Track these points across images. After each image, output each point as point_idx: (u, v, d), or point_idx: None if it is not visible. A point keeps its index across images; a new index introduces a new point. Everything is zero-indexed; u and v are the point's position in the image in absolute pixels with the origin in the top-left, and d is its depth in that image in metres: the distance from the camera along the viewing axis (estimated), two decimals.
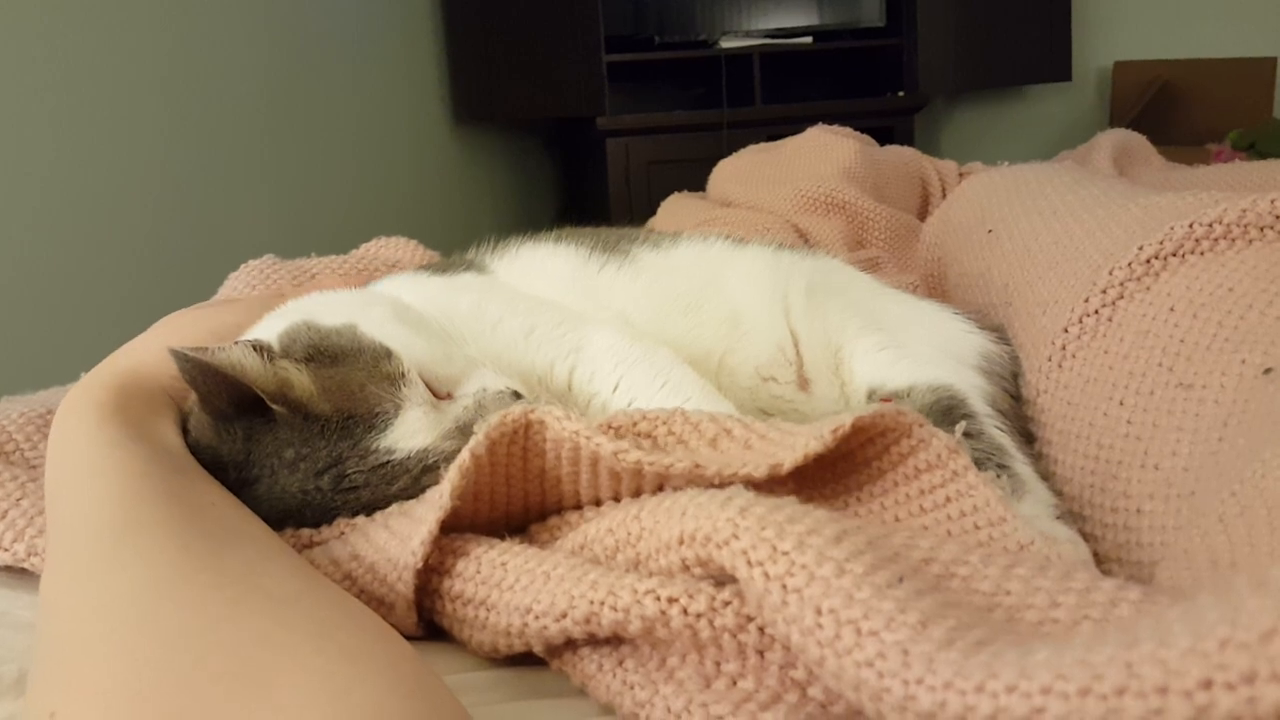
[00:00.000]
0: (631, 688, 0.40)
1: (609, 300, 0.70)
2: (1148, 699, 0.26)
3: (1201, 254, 0.62)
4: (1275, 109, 3.43)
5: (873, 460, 0.49)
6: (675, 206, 1.61)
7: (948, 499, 0.47)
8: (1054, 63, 3.45)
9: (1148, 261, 0.63)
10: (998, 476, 0.57)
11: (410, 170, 2.93)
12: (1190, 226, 0.63)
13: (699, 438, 0.50)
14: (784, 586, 0.36)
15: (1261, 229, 0.62)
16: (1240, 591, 0.27)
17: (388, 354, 0.55)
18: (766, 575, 0.36)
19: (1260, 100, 3.49)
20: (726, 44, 3.17)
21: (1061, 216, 0.77)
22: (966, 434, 0.60)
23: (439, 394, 0.56)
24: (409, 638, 0.47)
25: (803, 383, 0.70)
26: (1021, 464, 0.58)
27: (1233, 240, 0.62)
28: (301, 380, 0.53)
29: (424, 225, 2.95)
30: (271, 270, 0.90)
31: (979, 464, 0.57)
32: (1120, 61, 3.57)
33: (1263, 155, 3.11)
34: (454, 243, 2.92)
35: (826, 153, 1.50)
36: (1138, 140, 1.45)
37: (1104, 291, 0.63)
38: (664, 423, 0.51)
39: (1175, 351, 0.57)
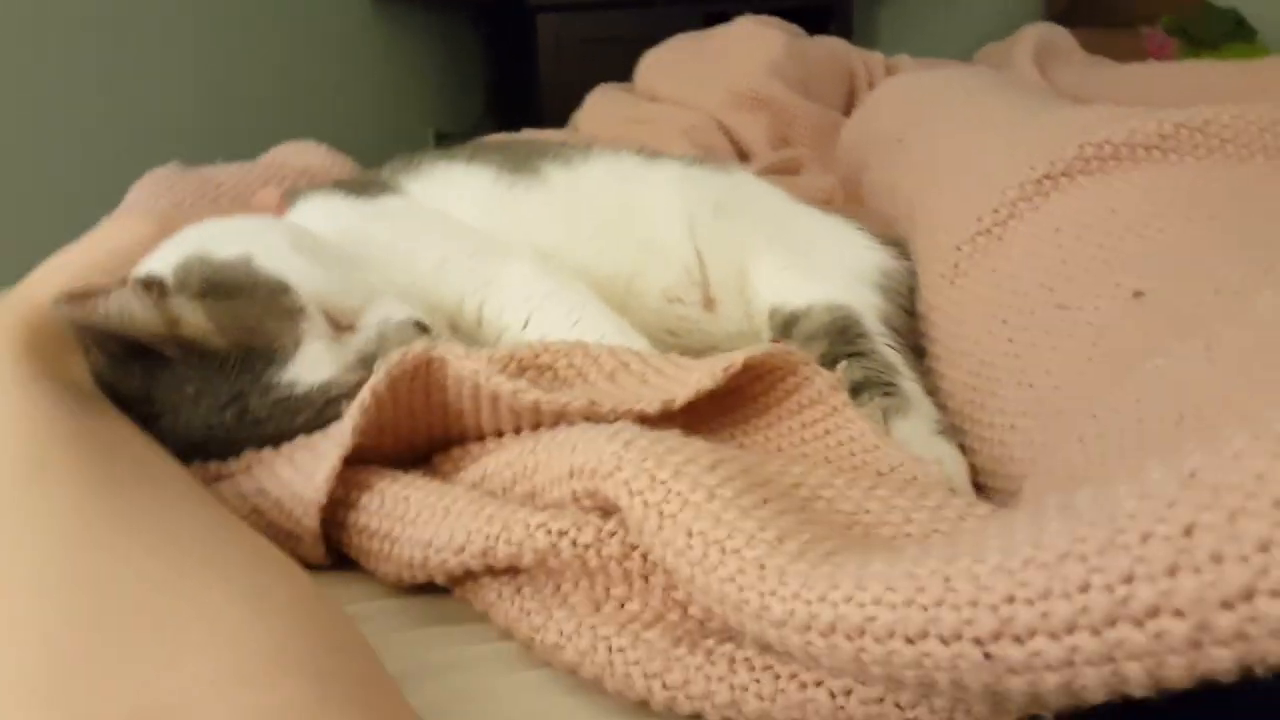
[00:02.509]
0: (528, 614, 0.43)
1: (521, 223, 0.71)
2: (960, 611, 0.29)
3: (1090, 174, 0.64)
4: None
5: (759, 396, 0.52)
6: (602, 101, 1.58)
7: (827, 431, 0.50)
8: None
9: (1039, 181, 0.65)
10: (886, 394, 0.60)
11: (331, 52, 2.82)
12: (1080, 147, 0.64)
13: (598, 371, 0.52)
14: (660, 513, 0.38)
15: (1148, 149, 0.64)
16: (1046, 513, 0.30)
17: (284, 287, 0.55)
18: (645, 503, 0.39)
19: None
20: None
21: (966, 129, 0.79)
22: (859, 353, 0.63)
23: (340, 325, 0.57)
24: (318, 568, 0.50)
25: (708, 303, 0.72)
26: (909, 381, 0.61)
27: (1120, 160, 0.64)
28: (196, 318, 0.53)
29: (347, 111, 2.86)
30: (177, 180, 0.88)
31: (869, 383, 0.60)
32: None
33: (1192, 40, 3.13)
34: (378, 129, 2.84)
35: (753, 46, 1.48)
36: (1060, 35, 1.45)
37: (995, 210, 0.65)
38: (565, 355, 0.53)
39: (1057, 272, 0.59)
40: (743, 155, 1.40)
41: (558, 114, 1.69)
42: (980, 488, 0.56)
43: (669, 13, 2.93)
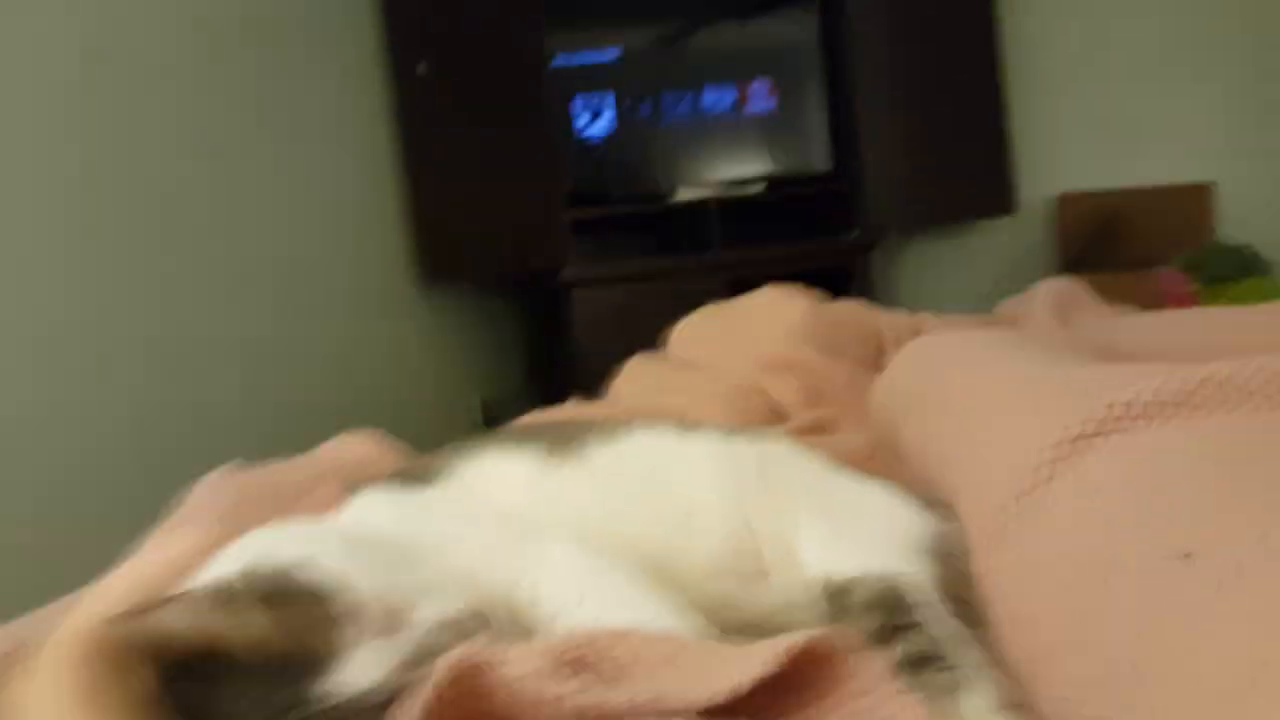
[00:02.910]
0: None
1: (566, 505, 0.73)
2: None
3: (1123, 432, 0.66)
4: (1218, 231, 3.57)
5: (811, 683, 0.51)
6: (638, 370, 1.65)
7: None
8: (999, 197, 3.60)
9: (1074, 441, 0.66)
10: (945, 669, 0.58)
11: (380, 334, 2.99)
12: (1109, 406, 0.66)
13: (657, 655, 0.51)
14: None
15: (1176, 405, 0.66)
16: None
17: (340, 589, 0.56)
18: None
19: (1201, 224, 3.64)
20: (683, 195, 3.30)
21: (993, 389, 0.81)
22: (915, 624, 0.62)
23: (394, 624, 0.57)
24: None
25: (760, 574, 0.72)
26: (970, 653, 0.60)
27: (1150, 418, 0.66)
28: (259, 622, 0.54)
29: (397, 389, 2.99)
30: (235, 478, 0.91)
31: (925, 657, 0.59)
32: (1065, 193, 3.73)
33: (1209, 277, 3.23)
34: (429, 401, 2.94)
35: (777, 311, 1.55)
36: (1074, 288, 1.51)
37: (1035, 471, 0.66)
38: (621, 640, 0.52)
39: (1102, 532, 0.59)
40: (778, 415, 1.43)
41: (593, 380, 1.76)
42: None
43: (694, 282, 3.10)
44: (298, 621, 0.54)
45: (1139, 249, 3.50)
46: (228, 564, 0.59)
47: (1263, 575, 0.46)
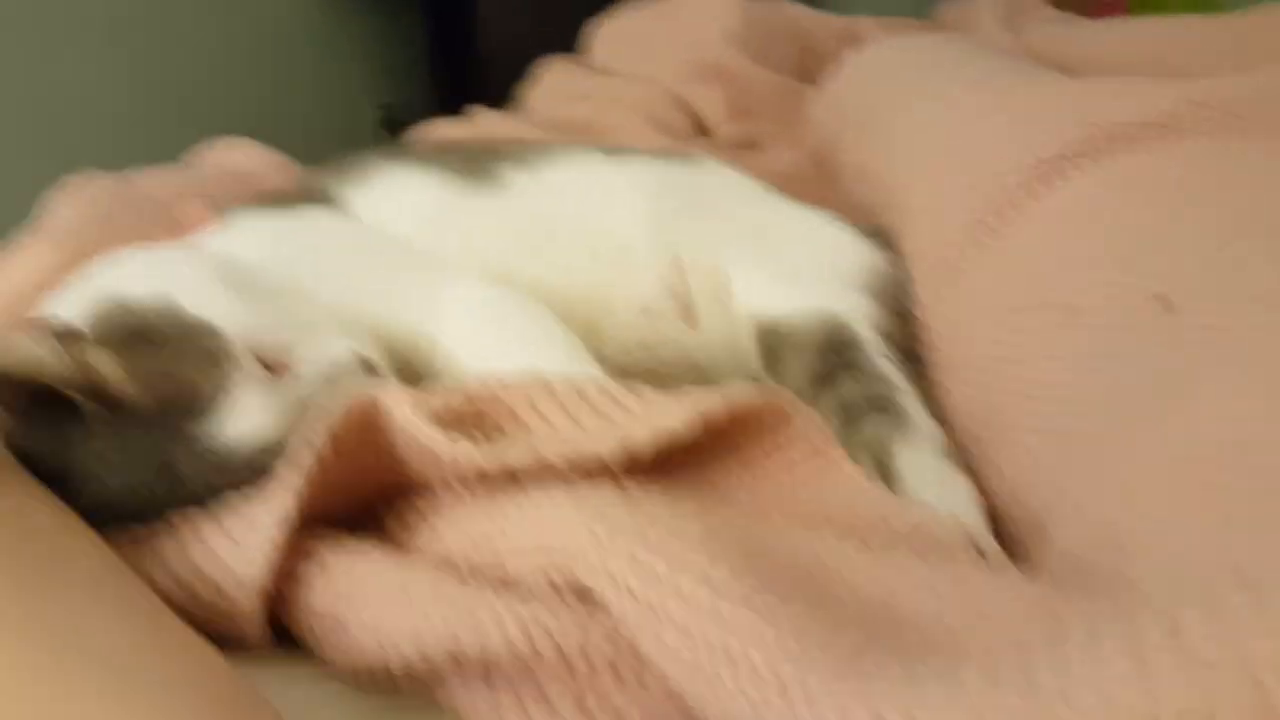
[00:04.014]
0: (501, 712, 0.37)
1: (476, 235, 0.64)
2: None
3: (1096, 159, 0.59)
4: None
5: (741, 444, 0.46)
6: (551, 76, 1.50)
7: (817, 477, 0.44)
8: None
9: (1040, 168, 0.59)
10: (883, 411, 0.54)
11: (265, 20, 2.69)
12: (1086, 128, 0.59)
13: (556, 407, 0.46)
14: (654, 611, 0.33)
15: (1161, 127, 0.59)
16: (1148, 638, 0.25)
17: (210, 330, 0.48)
18: (634, 597, 0.33)
19: None
20: None
21: (949, 108, 0.73)
22: (853, 365, 0.58)
23: (276, 367, 0.50)
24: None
25: (687, 314, 0.66)
26: (909, 397, 0.56)
27: (1131, 140, 0.59)
28: (111, 368, 0.46)
29: (287, 85, 2.74)
30: (95, 189, 0.80)
31: (866, 401, 0.55)
32: None
33: None
34: (320, 103, 2.71)
35: (708, 13, 1.41)
36: None
37: (994, 202, 0.60)
38: (520, 389, 0.46)
39: (1062, 268, 0.54)
40: (701, 129, 1.33)
41: (502, 83, 1.61)
42: (994, 518, 0.51)
43: None
44: (154, 367, 0.47)
45: None
46: (79, 295, 0.50)
47: (1251, 331, 0.42)
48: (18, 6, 1.83)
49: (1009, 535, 0.50)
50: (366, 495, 0.47)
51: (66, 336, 0.46)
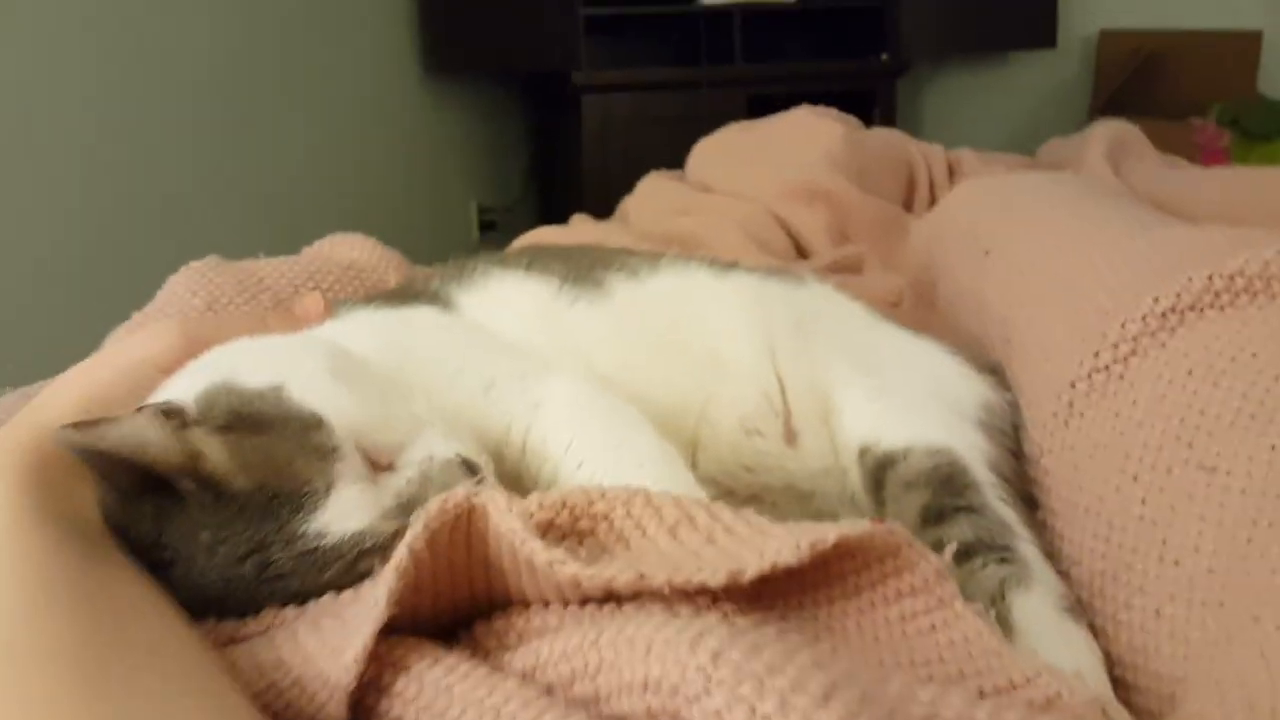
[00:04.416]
0: None
1: (580, 341, 0.64)
2: None
3: (1221, 309, 0.57)
4: (1259, 84, 3.38)
5: (848, 575, 0.44)
6: (652, 189, 1.54)
7: (933, 626, 0.42)
8: (1039, 29, 3.39)
9: (1163, 315, 0.58)
10: (1002, 560, 0.52)
11: (378, 125, 2.82)
12: (1209, 278, 0.57)
13: (659, 524, 0.45)
14: None
15: None
16: None
17: (318, 422, 0.48)
18: None
19: (1244, 74, 3.44)
20: (708, 0, 3.07)
21: (1065, 245, 0.72)
22: (968, 507, 0.55)
23: (379, 463, 0.50)
24: None
25: (790, 436, 0.64)
26: (1028, 544, 0.54)
27: (1254, 295, 0.57)
28: (217, 453, 0.46)
29: (392, 183, 2.86)
30: (214, 274, 0.82)
31: (981, 545, 0.53)
32: (1106, 30, 3.51)
33: (1245, 132, 3.07)
34: (423, 201, 2.83)
35: (810, 136, 1.43)
36: (1132, 133, 1.39)
37: (1115, 346, 0.58)
38: (623, 504, 0.45)
39: (1195, 425, 0.52)
40: (800, 249, 1.34)
41: (599, 191, 1.65)
42: (1117, 681, 0.47)
43: (713, 95, 2.93)
44: (259, 455, 0.47)
45: (1178, 95, 3.32)
46: (192, 380, 0.51)
47: None
48: (139, 99, 1.93)
49: (1133, 702, 0.46)
50: (461, 603, 0.46)
51: (174, 418, 0.47)
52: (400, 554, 0.42)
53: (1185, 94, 3.29)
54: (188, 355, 0.55)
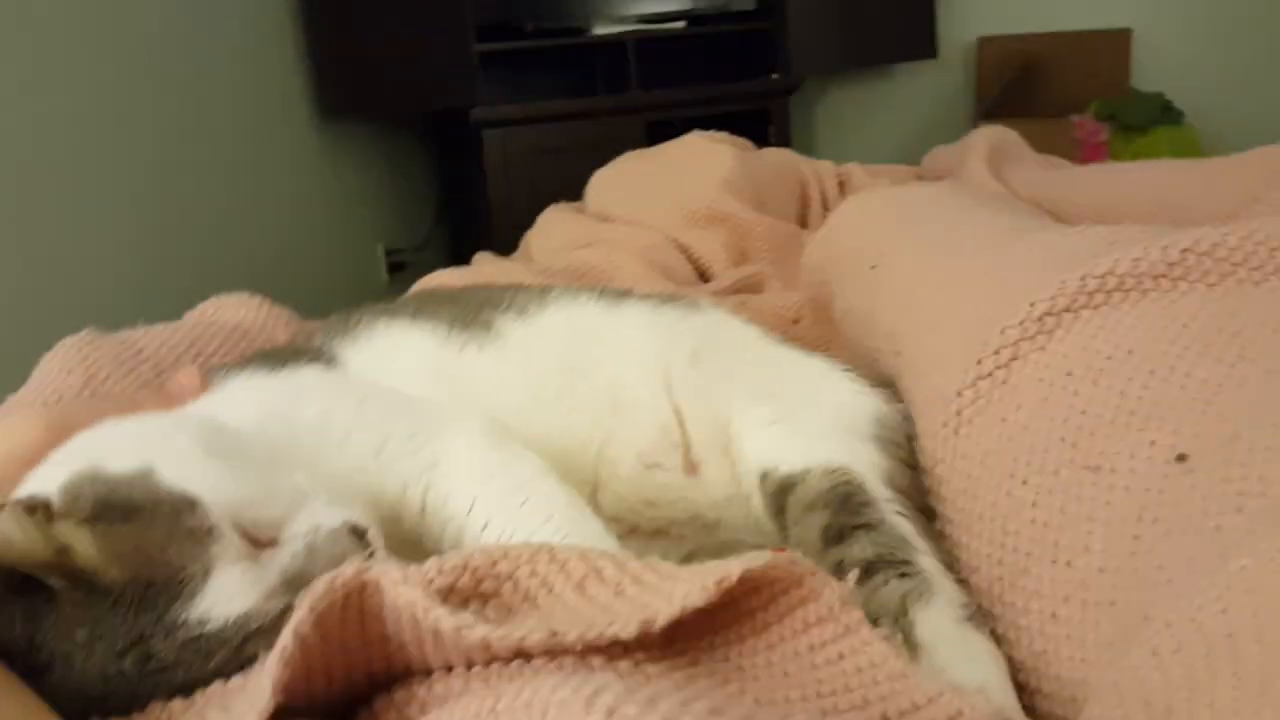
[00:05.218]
0: None
1: (473, 389, 0.63)
2: None
3: (1096, 308, 0.59)
4: (1132, 79, 3.54)
5: (757, 610, 0.44)
6: (552, 222, 1.53)
7: (840, 655, 0.42)
8: (920, 40, 3.50)
9: (1040, 319, 0.59)
10: (902, 575, 0.52)
11: (276, 174, 2.77)
12: (1082, 279, 0.59)
13: (566, 580, 0.44)
14: None
15: (1155, 278, 0.59)
16: None
17: (191, 505, 0.46)
18: None
19: (1117, 71, 3.60)
20: (599, 30, 3.09)
21: (947, 256, 0.73)
22: (866, 524, 0.56)
23: (261, 540, 0.48)
24: None
25: (690, 467, 0.64)
26: (927, 556, 0.54)
27: (1127, 292, 0.59)
28: (85, 545, 0.44)
29: (295, 231, 2.80)
30: (91, 348, 0.79)
31: (882, 561, 0.53)
32: (984, 37, 3.64)
33: (1123, 125, 3.21)
34: (328, 248, 2.77)
35: (704, 162, 1.45)
36: (1010, 138, 1.44)
37: (997, 352, 0.59)
38: (527, 562, 0.45)
39: (1077, 425, 0.53)
40: (701, 273, 1.35)
41: (506, 224, 1.64)
42: (1021, 686, 0.48)
43: (611, 123, 2.95)
44: (131, 544, 0.45)
45: (1057, 95, 3.46)
46: (55, 470, 0.49)
47: (1273, 488, 0.40)
48: (16, 165, 1.86)
49: (1038, 707, 0.47)
50: (358, 679, 0.45)
51: (38, 512, 0.45)
52: (285, 639, 0.40)
53: (1064, 93, 3.42)
54: (51, 446, 0.52)
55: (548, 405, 0.64)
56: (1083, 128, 3.23)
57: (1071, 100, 3.33)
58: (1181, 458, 0.46)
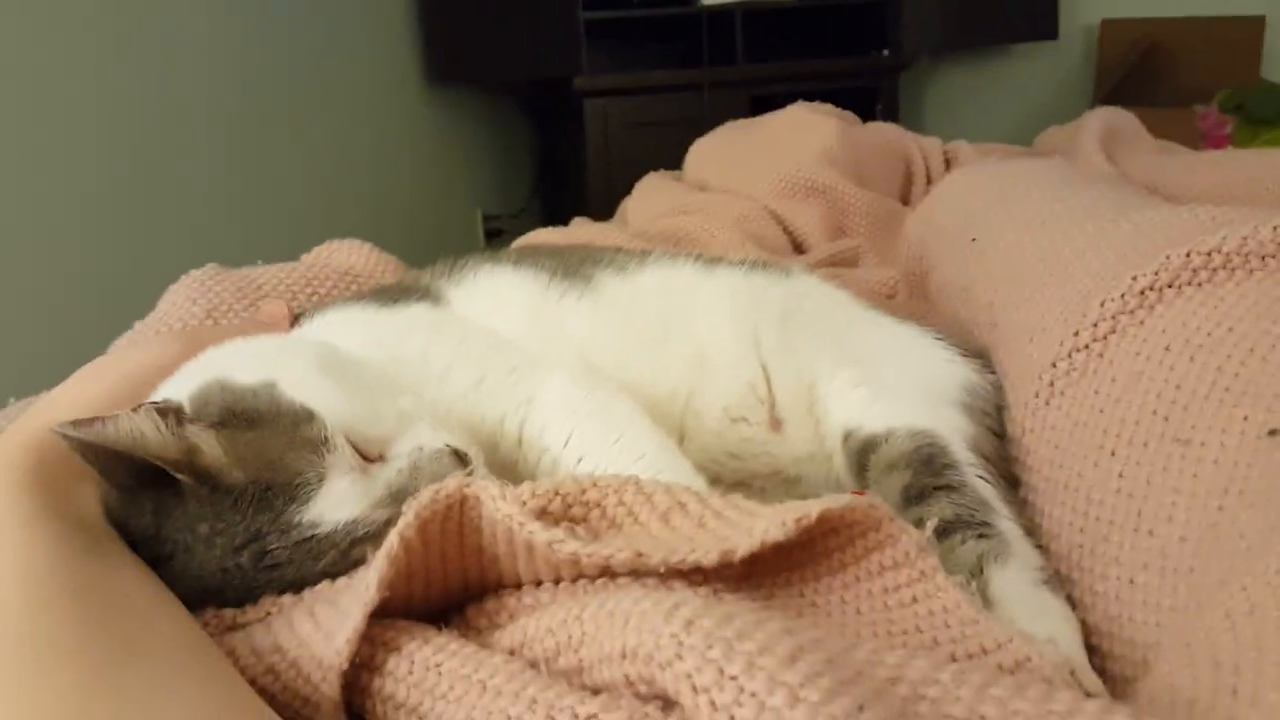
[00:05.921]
0: None
1: (570, 335, 0.66)
2: None
3: (1199, 285, 0.58)
4: (1263, 69, 3.37)
5: (834, 551, 0.45)
6: (650, 189, 1.55)
7: (914, 599, 0.43)
8: (1040, 21, 3.38)
9: (1141, 293, 0.58)
10: (981, 536, 0.53)
11: (382, 136, 2.85)
12: (1187, 255, 0.58)
13: (651, 511, 0.46)
14: (731, 717, 0.32)
15: (1263, 258, 0.58)
16: None
17: (309, 416, 0.50)
18: (713, 704, 0.33)
19: (1247, 60, 3.43)
20: (708, 1, 3.08)
21: (1049, 230, 0.73)
22: (948, 485, 0.56)
23: (370, 455, 0.52)
24: None
25: (775, 423, 0.66)
26: (1007, 520, 0.55)
27: (1232, 270, 0.58)
28: (212, 448, 0.48)
29: (397, 193, 2.88)
30: (214, 282, 0.84)
31: (961, 522, 0.54)
32: (1107, 20, 3.51)
33: (1250, 118, 3.06)
34: (426, 210, 2.84)
35: (806, 133, 1.44)
36: (1127, 120, 1.40)
37: (1095, 325, 0.59)
38: (615, 491, 0.47)
39: (1171, 399, 0.52)
40: (797, 245, 1.35)
41: (604, 196, 1.66)
42: (1093, 649, 0.48)
43: (715, 97, 2.95)
44: (253, 449, 0.48)
45: (1181, 83, 3.31)
46: (188, 379, 0.53)
47: None
48: (161, 130, 1.96)
49: (1108, 669, 0.47)
50: (453, 587, 0.48)
51: (169, 414, 0.49)
52: (391, 541, 0.43)
53: (1188, 82, 3.28)
54: (185, 360, 0.56)
55: (639, 356, 0.66)
56: (1207, 119, 3.08)
57: (1196, 89, 3.18)
58: (1274, 433, 0.46)
